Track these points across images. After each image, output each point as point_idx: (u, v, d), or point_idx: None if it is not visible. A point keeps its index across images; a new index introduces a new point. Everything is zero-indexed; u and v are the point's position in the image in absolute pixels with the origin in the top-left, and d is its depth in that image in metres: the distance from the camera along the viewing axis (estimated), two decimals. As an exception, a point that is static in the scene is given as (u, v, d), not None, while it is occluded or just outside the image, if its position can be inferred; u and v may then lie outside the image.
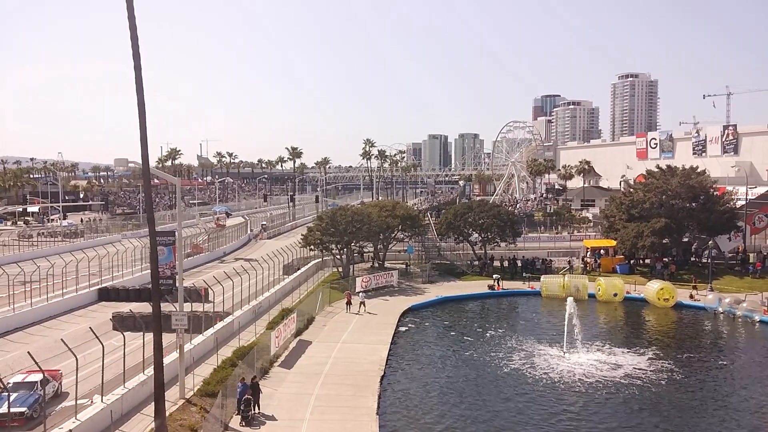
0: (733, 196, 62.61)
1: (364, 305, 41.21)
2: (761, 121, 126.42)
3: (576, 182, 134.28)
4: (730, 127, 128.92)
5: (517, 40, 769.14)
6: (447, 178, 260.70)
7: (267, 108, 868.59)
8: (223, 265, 59.10)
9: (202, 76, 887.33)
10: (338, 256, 53.33)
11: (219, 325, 32.66)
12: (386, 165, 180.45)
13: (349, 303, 41.44)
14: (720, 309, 41.32)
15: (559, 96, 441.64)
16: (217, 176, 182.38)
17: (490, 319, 41.24)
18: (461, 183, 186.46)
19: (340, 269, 53.55)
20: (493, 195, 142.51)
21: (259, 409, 23.02)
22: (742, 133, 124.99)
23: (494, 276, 50.78)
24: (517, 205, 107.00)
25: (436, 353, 32.81)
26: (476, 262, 57.82)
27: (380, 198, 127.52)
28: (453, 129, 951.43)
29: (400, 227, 56.94)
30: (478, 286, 50.67)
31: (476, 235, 58.57)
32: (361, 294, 43.06)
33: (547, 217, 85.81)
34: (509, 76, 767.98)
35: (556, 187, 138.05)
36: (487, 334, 36.67)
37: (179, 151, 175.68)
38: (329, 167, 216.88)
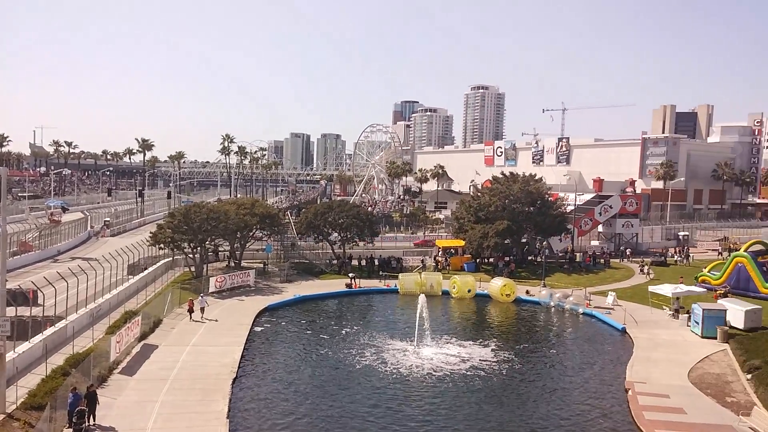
0: (564, 202, 69.01)
1: (202, 311, 38.59)
2: (589, 135, 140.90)
3: (431, 185, 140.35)
4: (564, 140, 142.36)
5: (382, 46, 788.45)
6: (309, 178, 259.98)
7: (113, 96, 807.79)
8: (57, 264, 54.15)
9: (39, 56, 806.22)
10: (191, 255, 51.19)
11: (49, 330, 29.84)
12: (246, 162, 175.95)
13: (191, 311, 38.05)
14: (551, 303, 45.41)
15: (418, 102, 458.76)
16: (53, 167, 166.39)
17: (347, 317, 41.87)
18: (323, 183, 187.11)
19: (193, 269, 51.45)
20: (353, 195, 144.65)
21: (94, 420, 21.42)
22: (574, 145, 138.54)
23: (350, 274, 51.61)
24: (376, 206, 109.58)
25: (291, 353, 32.72)
26: (335, 261, 58.43)
27: (239, 195, 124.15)
28: (316, 129, 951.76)
29: (258, 226, 55.95)
30: (337, 284, 51.22)
31: (336, 234, 59.17)
32: (200, 298, 39.77)
33: (404, 218, 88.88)
34: (372, 80, 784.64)
35: (413, 189, 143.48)
36: (343, 332, 37.24)
37: (7, 137, 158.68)
38: (184, 162, 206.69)
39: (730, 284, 46.25)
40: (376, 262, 58.01)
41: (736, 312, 36.32)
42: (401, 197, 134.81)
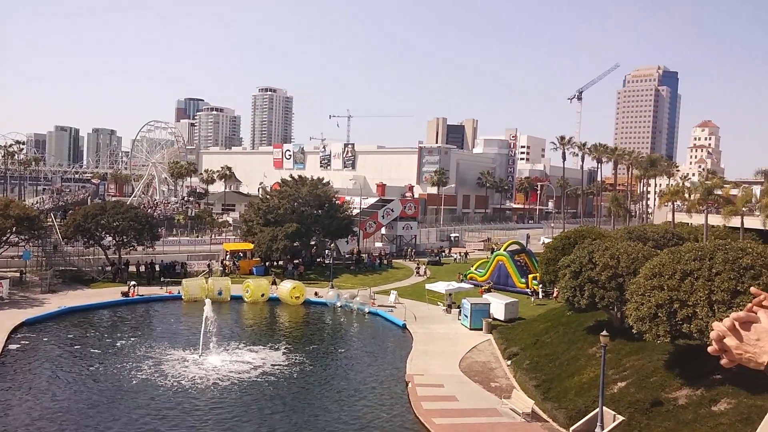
0: (350, 205, 71.66)
1: None
2: (373, 142, 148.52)
3: (218, 187, 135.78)
4: (350, 146, 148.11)
5: (165, 37, 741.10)
6: (78, 176, 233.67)
7: None
8: None
9: None
10: None
11: None
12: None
13: None
14: (338, 304, 46.76)
15: (203, 101, 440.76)
16: None
17: (122, 329, 38.45)
18: (95, 182, 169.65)
19: (-76, 281, 42.97)
20: (131, 196, 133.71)
21: None
22: (359, 151, 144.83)
23: (130, 282, 47.51)
24: (157, 208, 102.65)
25: (53, 372, 28.99)
26: (109, 268, 53.29)
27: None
28: (86, 122, 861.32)
29: (14, 229, 48.65)
30: (111, 293, 46.74)
31: (110, 238, 54.02)
32: None
33: (189, 221, 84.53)
34: (151, 73, 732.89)
35: (199, 190, 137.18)
36: (118, 344, 34.10)
37: None
38: None
39: (493, 280, 52.07)
40: (157, 268, 54.26)
41: (497, 305, 40.96)
42: (185, 199, 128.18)
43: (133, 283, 47.55)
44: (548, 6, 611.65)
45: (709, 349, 1.96)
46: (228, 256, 59.29)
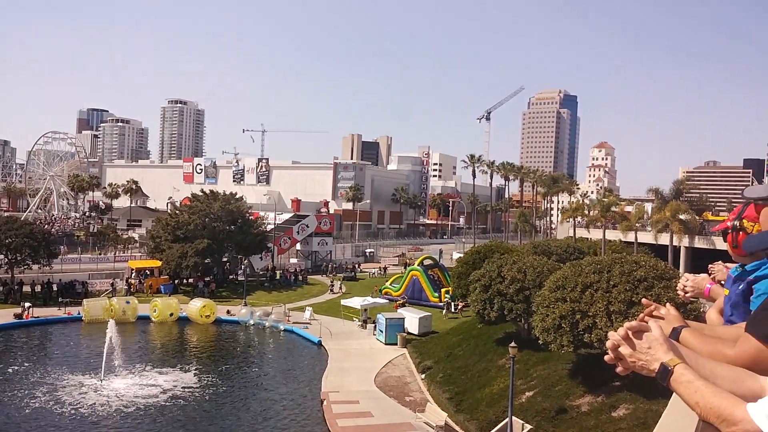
0: (264, 221, 70.62)
1: None
2: (288, 158, 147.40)
3: (123, 201, 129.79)
4: (264, 161, 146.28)
5: (65, 44, 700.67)
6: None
7: None
8: None
9: None
10: None
11: None
12: None
13: None
14: (251, 321, 45.72)
15: (108, 111, 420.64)
16: None
17: (15, 354, 35.72)
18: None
19: None
20: (26, 211, 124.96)
21: None
22: (273, 166, 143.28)
23: (25, 304, 44.24)
24: (56, 224, 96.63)
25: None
26: (0, 288, 49.45)
27: None
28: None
29: None
30: (2, 315, 43.31)
31: (1, 256, 50.25)
32: None
33: (90, 237, 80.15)
34: (51, 80, 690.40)
35: (102, 205, 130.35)
36: (9, 371, 31.64)
37: None
38: None
39: (408, 295, 52.71)
40: (55, 287, 50.93)
41: (412, 319, 41.48)
42: (87, 214, 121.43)
43: (27, 304, 44.33)
44: (459, 28, 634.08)
45: (606, 357, 2.04)
46: (134, 274, 56.60)
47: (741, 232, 2.75)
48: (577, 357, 25.64)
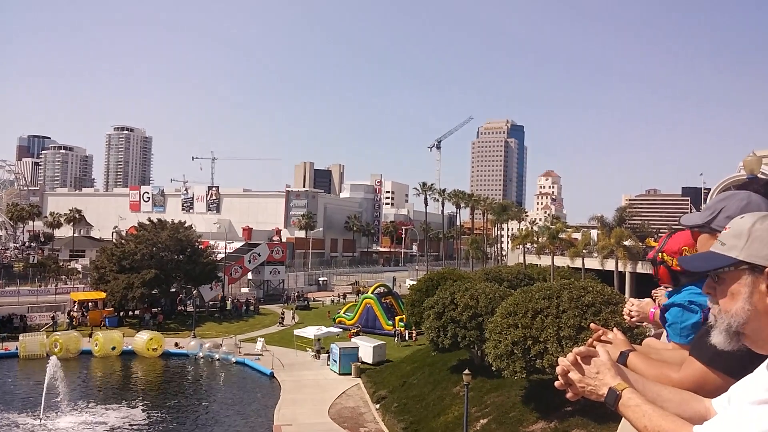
0: (214, 250, 69.30)
1: None
2: (239, 185, 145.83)
3: (66, 231, 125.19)
4: (214, 188, 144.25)
5: (2, 68, 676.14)
6: None
7: None
8: None
9: None
10: None
11: None
12: None
13: None
14: (201, 354, 44.49)
15: (50, 138, 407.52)
16: None
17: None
18: None
19: None
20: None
21: None
22: (224, 194, 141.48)
23: None
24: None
25: None
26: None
27: None
28: None
29: None
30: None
31: (-70, 290, 47.59)
32: None
33: (30, 268, 76.87)
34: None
35: (42, 236, 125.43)
36: (-61, 413, 29.78)
37: None
38: None
39: (362, 323, 52.42)
40: (-9, 322, 48.50)
41: (366, 348, 41.20)
42: (27, 244, 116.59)
43: None
44: (409, 58, 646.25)
45: (556, 383, 2.04)
46: (76, 307, 54.42)
47: (661, 266, 2.95)
48: (530, 383, 25.98)
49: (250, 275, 74.61)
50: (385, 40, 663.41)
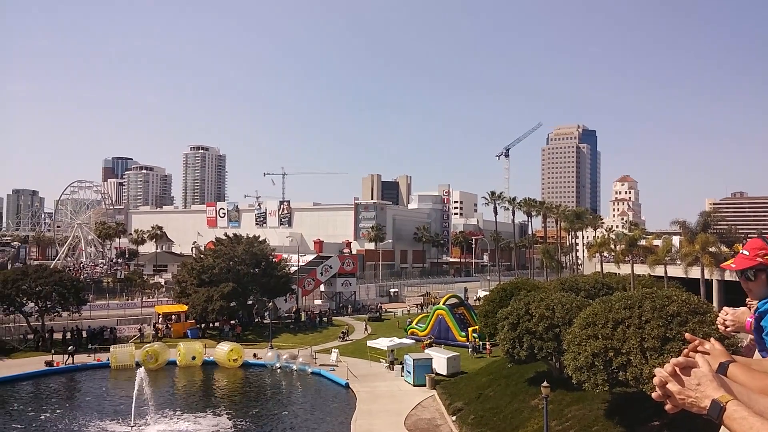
0: (287, 263, 71.04)
1: None
2: (309, 199, 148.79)
3: (149, 247, 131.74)
4: (285, 203, 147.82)
5: (87, 96, 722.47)
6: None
7: None
8: None
9: None
10: None
11: None
12: None
13: None
14: (278, 365, 45.57)
15: (132, 159, 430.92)
16: None
17: (47, 401, 36.07)
18: (15, 245, 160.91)
19: None
20: (55, 259, 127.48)
21: None
22: (295, 208, 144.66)
23: (69, 348, 45.23)
24: (84, 271, 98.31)
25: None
26: (31, 336, 50.20)
27: None
28: (5, 183, 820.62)
29: None
30: (34, 363, 43.86)
31: (32, 304, 51.15)
32: None
33: (118, 283, 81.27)
34: (76, 131, 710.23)
35: (128, 252, 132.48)
36: (42, 417, 31.89)
37: None
38: None
39: (434, 334, 52.22)
40: (84, 334, 51.53)
41: (440, 360, 41.00)
42: (114, 261, 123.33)
43: (71, 348, 45.33)
44: (473, 65, 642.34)
45: (654, 395, 2.00)
46: (161, 319, 57.07)
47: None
48: (613, 396, 25.09)
49: (322, 287, 75.87)
50: (450, 49, 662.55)
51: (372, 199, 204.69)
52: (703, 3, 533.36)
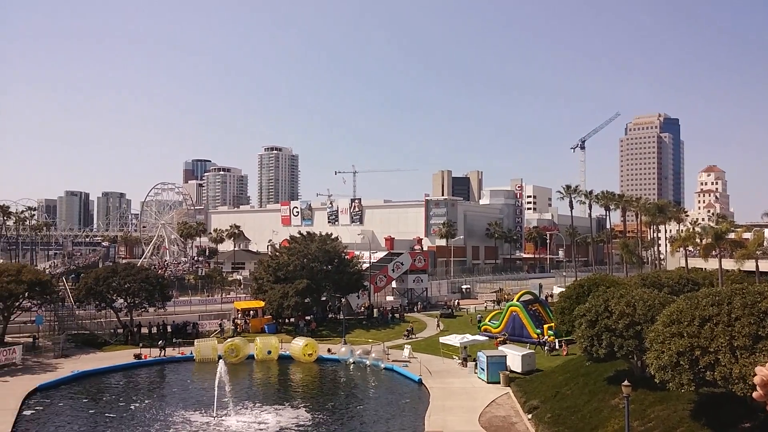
0: (359, 260, 71.77)
1: None
2: (379, 197, 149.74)
3: (227, 246, 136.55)
4: (356, 201, 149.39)
5: (168, 102, 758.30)
6: (88, 239, 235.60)
7: None
8: None
9: None
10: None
11: None
12: (10, 223, 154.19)
13: None
14: (352, 360, 46.15)
15: (210, 161, 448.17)
16: None
17: (136, 391, 38.11)
18: (105, 245, 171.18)
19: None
20: (141, 258, 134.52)
21: None
22: (366, 206, 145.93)
23: (160, 342, 47.77)
24: (168, 268, 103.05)
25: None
26: (121, 330, 53.20)
27: (1, 261, 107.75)
28: (96, 186, 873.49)
29: (26, 294, 48.93)
30: (124, 356, 46.53)
31: (121, 300, 54.16)
32: None
33: (199, 280, 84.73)
34: (159, 136, 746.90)
35: (208, 250, 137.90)
36: (132, 407, 33.72)
37: None
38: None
39: (508, 331, 51.39)
40: (169, 329, 54.08)
41: (514, 357, 40.29)
42: (195, 258, 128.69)
43: (163, 342, 47.96)
44: (545, 56, 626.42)
45: (754, 394, 1.95)
46: (239, 315, 59.06)
47: None
48: (699, 396, 23.85)
49: (394, 284, 76.22)
50: (520, 38, 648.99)
51: (443, 195, 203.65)
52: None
